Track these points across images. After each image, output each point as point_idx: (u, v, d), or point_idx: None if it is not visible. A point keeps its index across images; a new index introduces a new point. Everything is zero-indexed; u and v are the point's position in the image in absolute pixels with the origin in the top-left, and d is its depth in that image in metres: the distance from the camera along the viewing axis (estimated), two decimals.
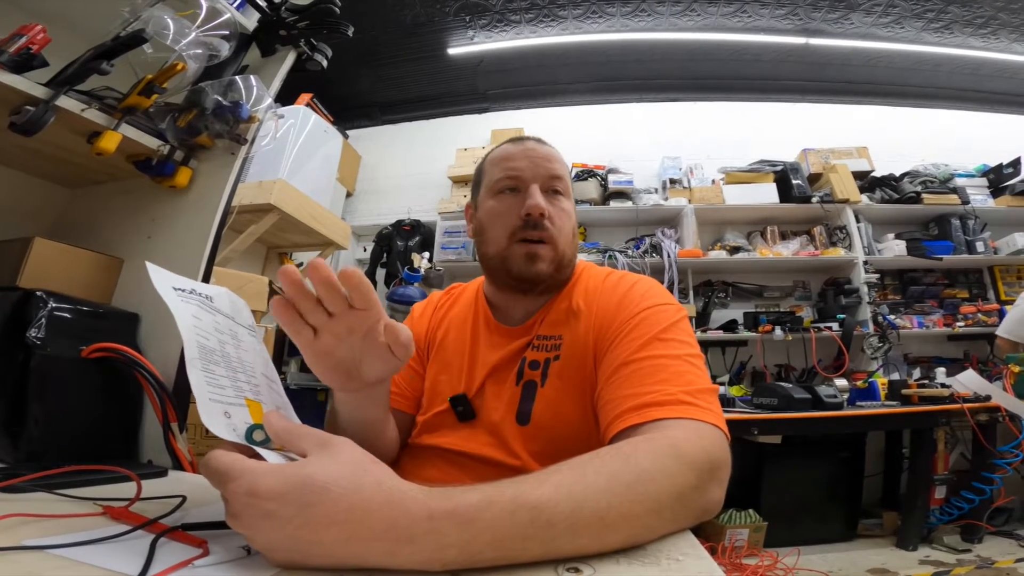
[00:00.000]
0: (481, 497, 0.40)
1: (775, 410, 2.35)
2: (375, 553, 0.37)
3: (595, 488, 0.44)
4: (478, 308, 0.92)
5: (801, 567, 2.14)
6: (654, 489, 0.47)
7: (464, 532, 0.38)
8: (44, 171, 1.24)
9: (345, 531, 0.37)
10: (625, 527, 0.44)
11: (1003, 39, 3.70)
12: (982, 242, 3.55)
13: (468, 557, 0.38)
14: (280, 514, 0.36)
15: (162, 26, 1.00)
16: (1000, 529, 2.42)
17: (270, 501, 0.37)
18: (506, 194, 0.84)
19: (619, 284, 0.83)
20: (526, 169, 0.83)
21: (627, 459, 0.49)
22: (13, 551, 0.41)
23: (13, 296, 0.86)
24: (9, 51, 0.85)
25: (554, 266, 0.82)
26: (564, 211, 0.84)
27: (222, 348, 0.51)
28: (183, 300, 0.51)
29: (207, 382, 0.46)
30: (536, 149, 0.86)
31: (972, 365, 3.27)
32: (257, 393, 0.52)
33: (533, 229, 0.80)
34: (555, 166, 0.85)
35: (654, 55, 3.99)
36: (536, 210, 0.79)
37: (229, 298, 0.58)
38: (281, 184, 2.43)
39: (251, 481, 0.37)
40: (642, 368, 0.67)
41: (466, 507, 0.39)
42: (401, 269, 3.55)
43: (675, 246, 3.63)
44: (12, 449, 0.79)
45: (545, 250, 0.81)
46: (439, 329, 0.94)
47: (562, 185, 0.85)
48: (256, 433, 0.47)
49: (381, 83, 4.30)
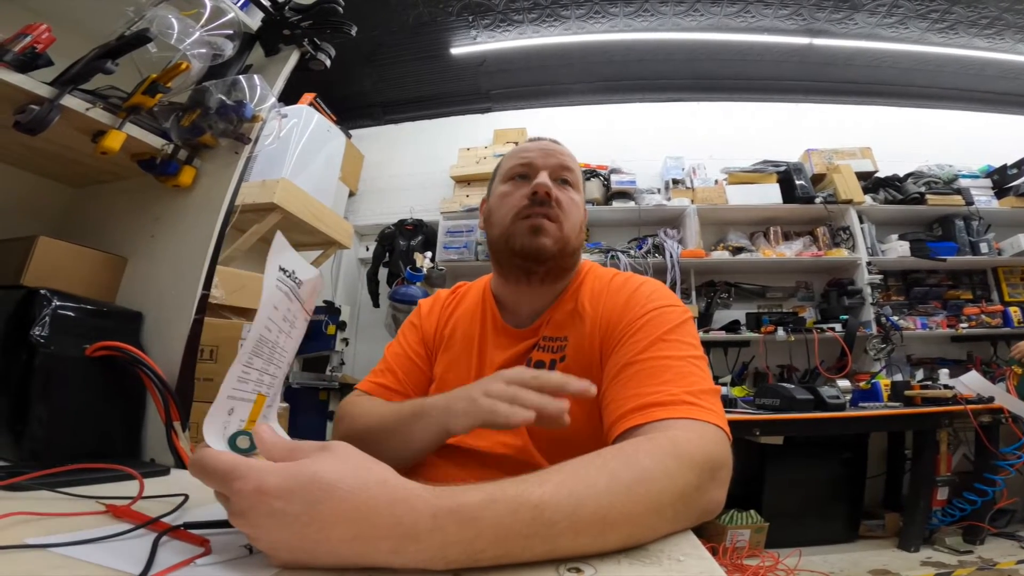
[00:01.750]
0: (484, 496, 0.40)
1: (777, 411, 2.34)
2: (381, 551, 0.37)
3: (596, 487, 0.44)
4: (485, 307, 0.92)
5: (803, 568, 2.14)
6: (655, 489, 0.47)
7: (467, 530, 0.38)
8: (48, 170, 1.24)
9: (351, 529, 0.37)
10: (626, 526, 0.44)
11: (1008, 39, 3.69)
12: (986, 243, 3.53)
13: (471, 555, 0.38)
14: (287, 512, 0.36)
15: (166, 25, 1.00)
16: (1002, 531, 2.41)
17: (277, 499, 0.37)
18: (516, 180, 0.87)
19: (625, 285, 0.83)
20: (537, 158, 0.86)
21: (628, 459, 0.49)
22: (16, 550, 0.41)
23: (17, 295, 0.87)
24: (14, 50, 0.85)
25: (558, 245, 0.82)
26: (572, 200, 0.86)
27: (276, 338, 0.50)
28: (278, 285, 0.49)
29: (238, 378, 0.46)
30: (551, 145, 0.89)
31: (975, 366, 3.25)
32: (271, 385, 0.51)
33: (539, 206, 0.82)
34: (567, 160, 0.88)
35: (657, 55, 3.98)
36: (542, 188, 0.81)
37: (314, 285, 0.56)
38: (284, 183, 2.43)
39: (258, 479, 0.37)
40: (646, 368, 0.67)
41: (469, 505, 0.39)
42: (403, 269, 3.55)
43: (678, 246, 3.62)
44: (15, 447, 0.79)
45: (550, 225, 0.82)
46: (446, 327, 0.94)
47: (572, 177, 0.87)
48: (240, 440, 0.46)
49: (384, 83, 4.30)
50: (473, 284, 1.01)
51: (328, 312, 3.32)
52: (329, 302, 3.42)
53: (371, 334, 4.04)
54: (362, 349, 4.05)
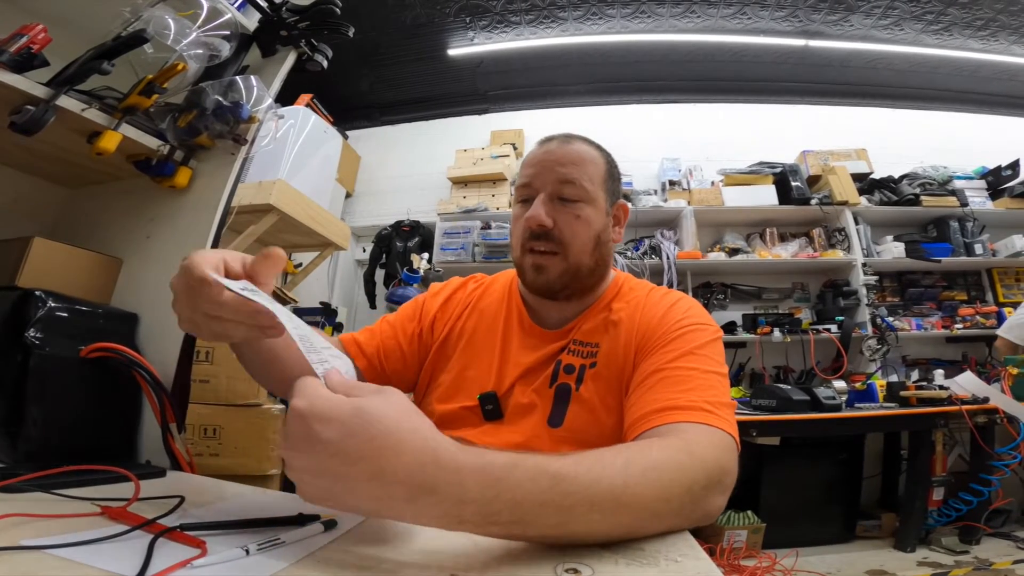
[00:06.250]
0: (508, 459, 0.42)
1: (773, 412, 2.34)
2: (395, 497, 0.38)
3: (613, 468, 0.46)
4: (511, 305, 0.91)
5: (799, 568, 2.14)
6: (667, 478, 0.49)
7: (488, 490, 0.39)
8: (44, 171, 1.24)
9: (371, 467, 0.38)
10: (636, 507, 0.46)
11: (1002, 41, 3.71)
12: (981, 244, 3.54)
13: (486, 516, 0.40)
14: (321, 437, 0.38)
15: (163, 26, 1.00)
16: (998, 531, 2.42)
17: (318, 421, 0.38)
18: (523, 203, 0.84)
19: (663, 300, 0.84)
20: (536, 176, 0.83)
21: (643, 450, 0.52)
22: (11, 551, 0.41)
23: (12, 296, 0.86)
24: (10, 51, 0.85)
25: (566, 277, 0.81)
26: (578, 218, 0.80)
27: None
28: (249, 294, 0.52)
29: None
30: (553, 152, 0.83)
31: (970, 367, 3.27)
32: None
33: (537, 240, 0.81)
34: (568, 170, 0.81)
35: (654, 57, 3.99)
36: (533, 221, 0.79)
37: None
38: (281, 184, 2.43)
39: (311, 401, 0.39)
40: (671, 377, 0.69)
41: (494, 466, 0.41)
42: (400, 270, 3.55)
43: (674, 247, 3.63)
44: (10, 449, 0.79)
45: (553, 261, 0.80)
46: (468, 319, 0.93)
47: (573, 190, 0.81)
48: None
49: (381, 84, 4.30)
50: (496, 277, 0.99)
51: (325, 313, 3.31)
52: (326, 303, 3.40)
53: None
54: None
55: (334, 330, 3.30)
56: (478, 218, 3.79)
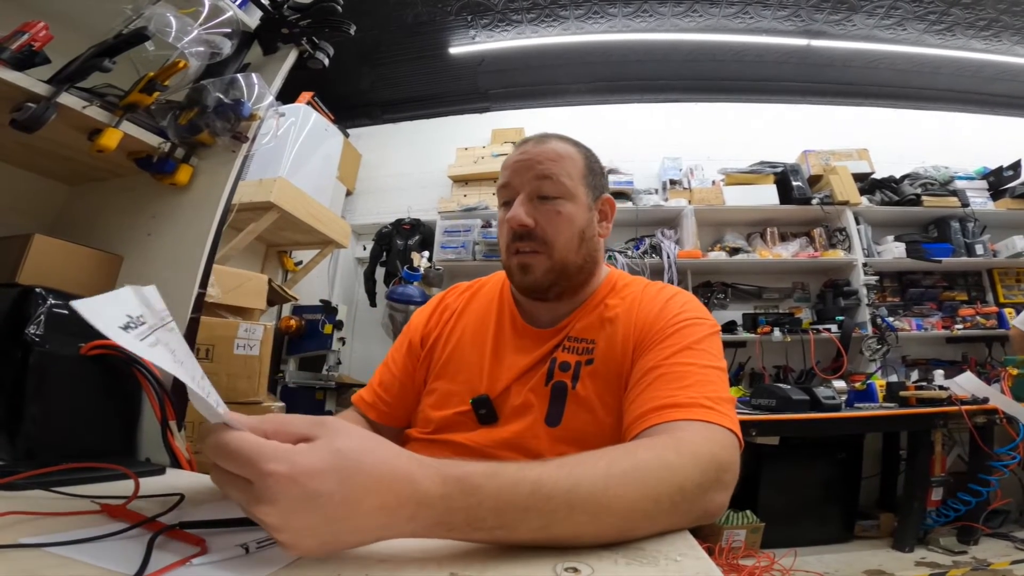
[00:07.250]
0: (487, 468, 0.43)
1: (773, 411, 2.34)
2: (400, 519, 0.39)
3: (594, 471, 0.46)
4: (503, 306, 0.91)
5: (798, 568, 2.14)
6: (653, 478, 0.49)
7: (470, 497, 0.41)
8: (45, 168, 1.24)
9: (377, 499, 0.38)
10: (622, 511, 0.46)
11: (1005, 41, 3.70)
12: (981, 245, 3.54)
13: (472, 523, 0.41)
14: (322, 491, 0.36)
15: (164, 24, 1.00)
16: (996, 531, 2.42)
17: (312, 479, 0.36)
18: (503, 207, 0.85)
19: (659, 294, 0.84)
20: (513, 178, 0.83)
21: (628, 451, 0.52)
22: (10, 549, 0.41)
23: (12, 293, 0.86)
24: (11, 48, 0.85)
25: (552, 275, 0.81)
26: (559, 214, 0.80)
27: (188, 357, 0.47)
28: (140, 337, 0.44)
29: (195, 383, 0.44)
30: (529, 152, 0.83)
31: (970, 367, 3.27)
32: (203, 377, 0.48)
33: (520, 240, 0.81)
34: (545, 166, 0.80)
35: (655, 56, 3.98)
36: (515, 222, 0.79)
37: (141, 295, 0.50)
38: (281, 182, 2.43)
39: (291, 460, 0.36)
40: (669, 373, 0.69)
41: (474, 475, 0.42)
42: (401, 268, 3.54)
43: (675, 247, 3.63)
44: (10, 447, 0.79)
45: (538, 260, 0.80)
46: (452, 333, 0.93)
47: (551, 186, 0.80)
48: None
49: (382, 82, 4.29)
50: (485, 283, 0.99)
51: (325, 311, 3.31)
52: (326, 301, 3.41)
53: (368, 334, 4.03)
54: (359, 348, 4.04)
55: (334, 328, 3.31)
56: (479, 216, 3.79)
